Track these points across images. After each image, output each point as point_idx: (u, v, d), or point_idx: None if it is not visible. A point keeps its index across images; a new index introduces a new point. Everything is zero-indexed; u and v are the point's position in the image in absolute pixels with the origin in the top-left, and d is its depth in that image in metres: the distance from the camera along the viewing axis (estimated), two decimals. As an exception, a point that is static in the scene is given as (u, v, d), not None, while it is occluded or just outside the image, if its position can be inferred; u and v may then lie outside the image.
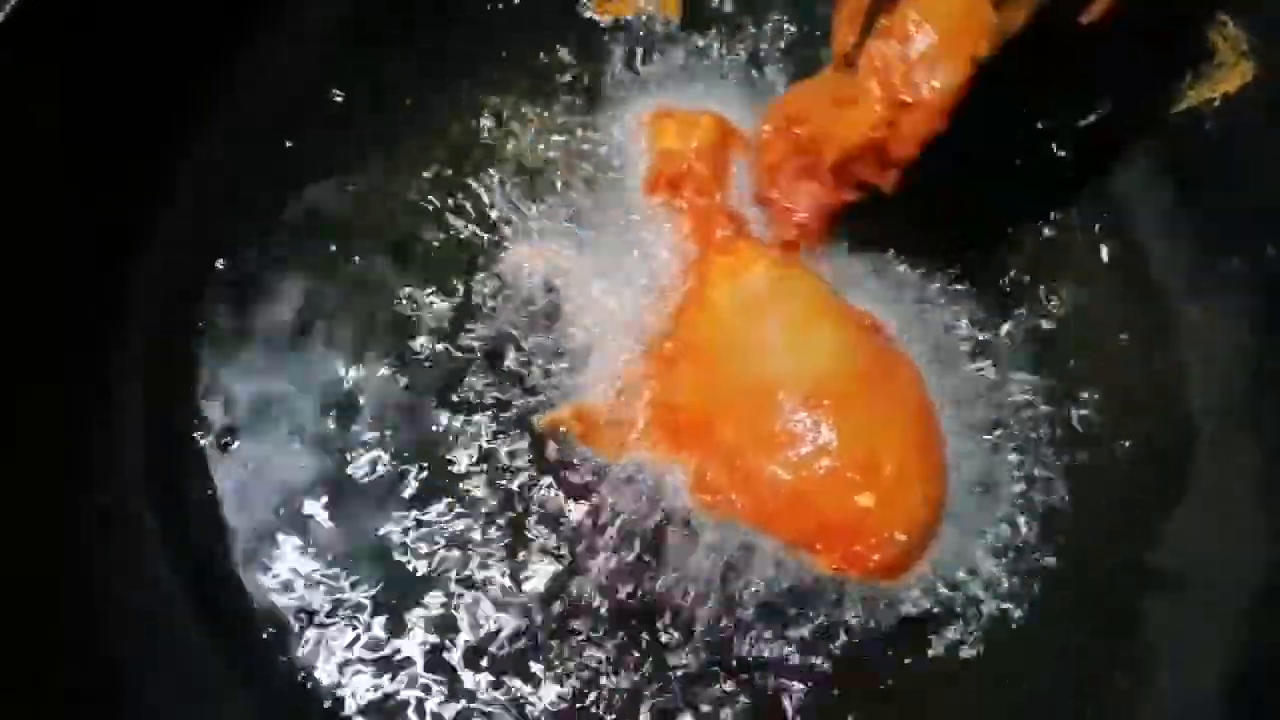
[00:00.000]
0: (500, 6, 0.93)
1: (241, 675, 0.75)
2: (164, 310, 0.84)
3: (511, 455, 0.79)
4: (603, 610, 0.75)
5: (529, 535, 0.77)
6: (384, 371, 0.82)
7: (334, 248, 0.86)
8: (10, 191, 0.74)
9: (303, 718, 0.74)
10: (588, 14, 0.91)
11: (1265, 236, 0.79)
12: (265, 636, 0.75)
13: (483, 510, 0.78)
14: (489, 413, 0.80)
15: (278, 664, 0.75)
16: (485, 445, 0.79)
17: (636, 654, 0.74)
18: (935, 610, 0.74)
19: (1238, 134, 0.80)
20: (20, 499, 0.72)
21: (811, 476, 0.71)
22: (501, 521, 0.77)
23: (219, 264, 0.86)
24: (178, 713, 0.74)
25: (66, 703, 0.70)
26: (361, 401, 0.81)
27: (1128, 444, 0.80)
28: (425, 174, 0.88)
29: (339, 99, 0.90)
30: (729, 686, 0.73)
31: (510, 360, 0.81)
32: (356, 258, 0.86)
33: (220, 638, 0.76)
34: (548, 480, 0.78)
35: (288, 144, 0.89)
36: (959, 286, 0.83)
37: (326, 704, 0.74)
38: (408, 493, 0.78)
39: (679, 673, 0.73)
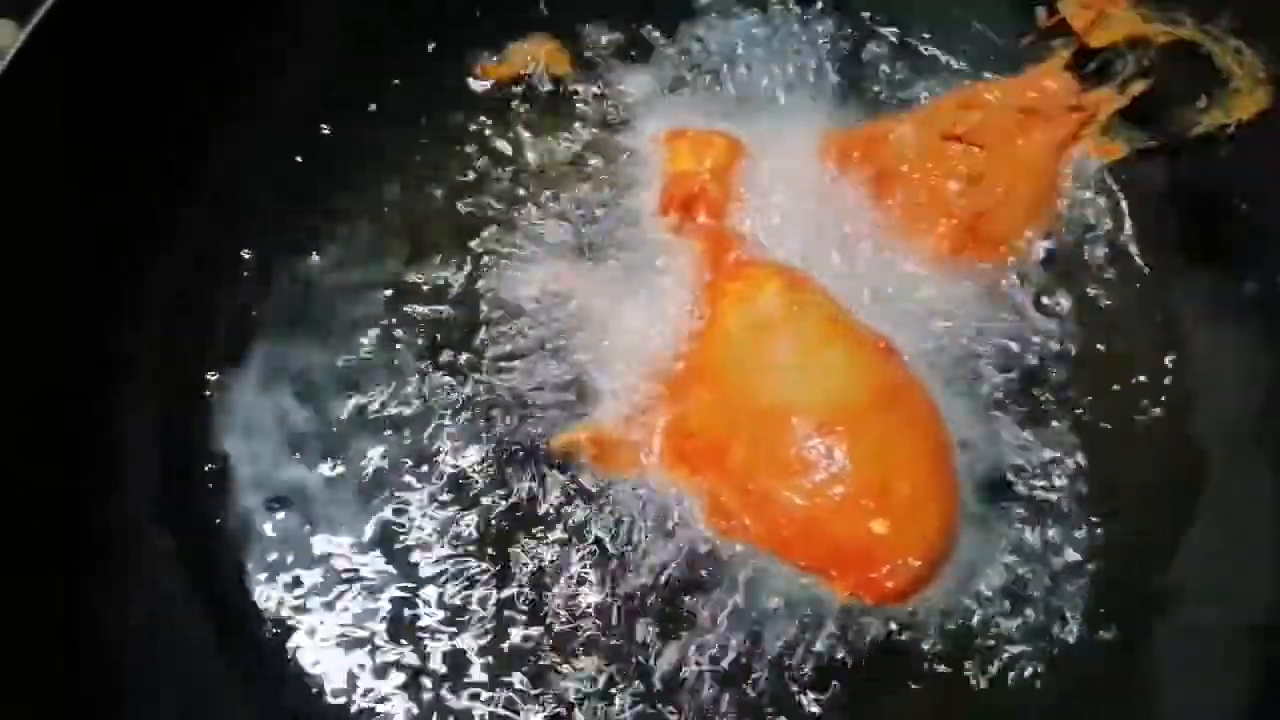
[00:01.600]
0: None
1: (241, 675, 0.75)
2: (171, 326, 0.83)
3: (523, 477, 0.78)
4: (610, 634, 0.75)
5: (540, 557, 0.77)
6: (392, 390, 0.81)
7: (350, 267, 0.86)
8: (21, 203, 0.73)
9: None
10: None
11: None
12: (270, 643, 0.75)
13: (493, 531, 0.77)
14: (501, 433, 0.80)
15: (282, 672, 0.75)
16: (496, 466, 0.79)
17: (642, 679, 0.74)
18: (943, 627, 0.74)
19: (1251, 158, 0.80)
20: (29, 510, 0.72)
21: (826, 503, 0.71)
22: (512, 543, 0.77)
23: (228, 275, 0.85)
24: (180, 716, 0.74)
25: (70, 705, 0.70)
26: (370, 417, 0.81)
27: (1139, 465, 0.80)
28: (435, 191, 0.88)
29: (346, 112, 0.90)
30: (731, 710, 0.73)
31: (522, 381, 0.81)
32: (370, 275, 0.85)
33: (224, 639, 0.76)
34: (559, 502, 0.78)
35: (296, 158, 0.89)
36: (968, 309, 0.83)
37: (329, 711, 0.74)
38: (416, 510, 0.78)
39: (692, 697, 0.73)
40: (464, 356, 0.82)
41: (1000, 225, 0.83)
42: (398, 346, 0.82)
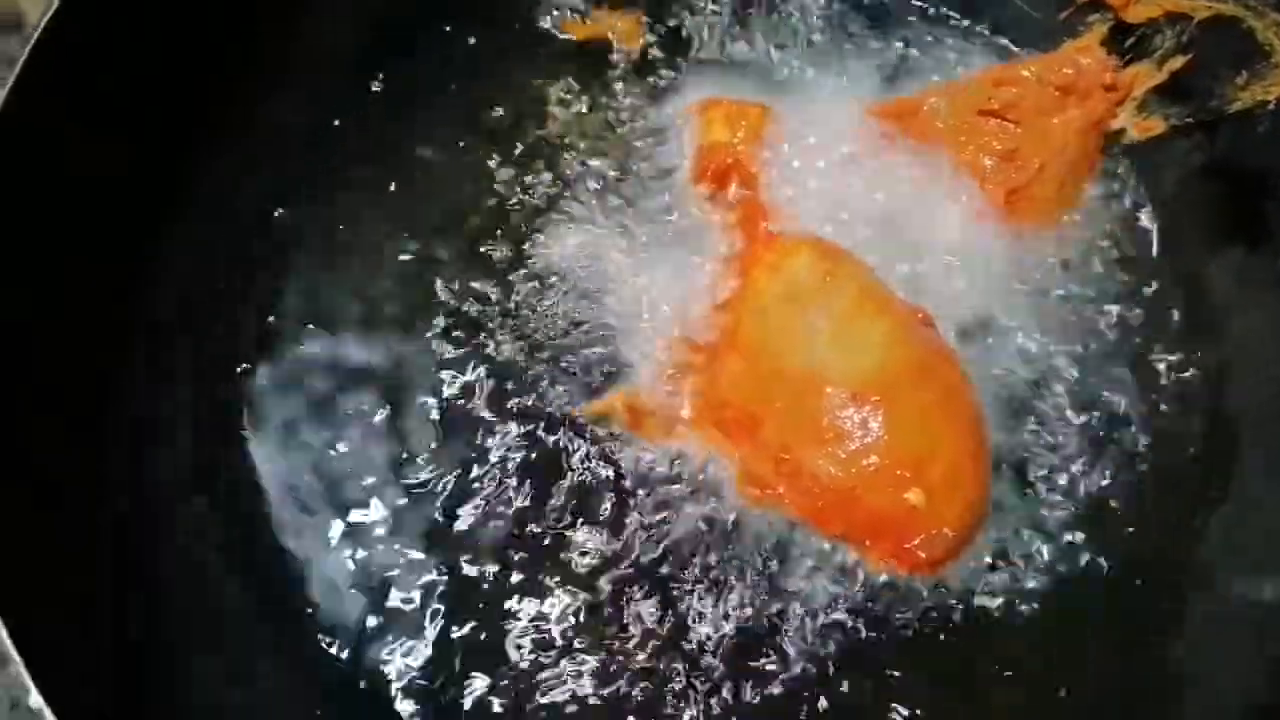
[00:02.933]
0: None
1: (273, 629, 0.75)
2: (206, 298, 0.83)
3: (558, 444, 0.79)
4: (645, 604, 0.75)
5: (576, 524, 0.77)
6: (428, 359, 0.81)
7: (381, 235, 0.86)
8: (52, 175, 0.73)
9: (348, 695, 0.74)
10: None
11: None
12: (309, 613, 0.76)
13: (527, 501, 0.78)
14: (534, 402, 0.80)
15: (310, 625, 0.75)
16: (530, 434, 0.79)
17: (675, 647, 0.74)
18: (972, 607, 0.74)
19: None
20: (71, 485, 0.72)
21: (861, 472, 0.71)
22: (547, 510, 0.77)
23: (263, 244, 0.86)
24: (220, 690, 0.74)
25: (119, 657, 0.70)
26: (403, 387, 0.81)
27: (1171, 441, 0.80)
28: (470, 159, 0.88)
29: (384, 84, 0.90)
30: (757, 680, 0.73)
31: (557, 348, 0.81)
32: (403, 244, 0.85)
33: (257, 596, 0.76)
34: (592, 468, 0.78)
35: (335, 122, 0.89)
36: (1003, 281, 0.83)
37: (365, 682, 0.74)
38: (452, 480, 0.78)
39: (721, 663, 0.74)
40: (498, 324, 0.82)
41: (1035, 201, 0.83)
42: (433, 318, 0.83)
